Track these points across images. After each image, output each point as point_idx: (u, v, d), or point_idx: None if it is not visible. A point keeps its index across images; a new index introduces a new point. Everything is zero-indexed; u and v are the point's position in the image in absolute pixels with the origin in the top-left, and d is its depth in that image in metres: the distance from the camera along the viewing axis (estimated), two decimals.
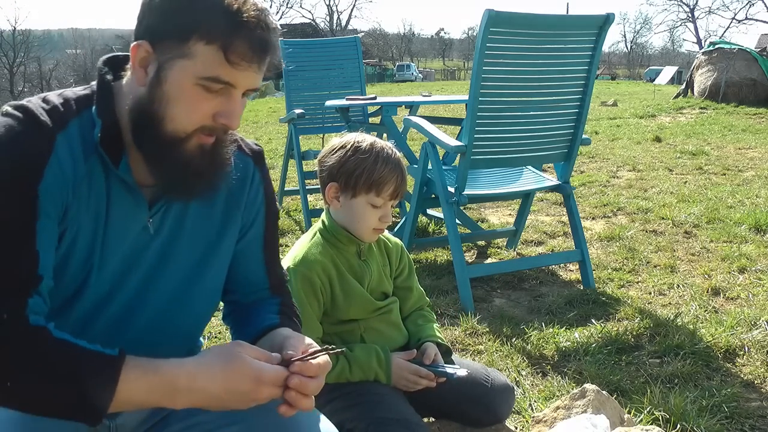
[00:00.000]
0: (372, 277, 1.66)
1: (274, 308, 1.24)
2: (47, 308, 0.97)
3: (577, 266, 3.21)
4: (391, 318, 1.70)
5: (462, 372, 1.58)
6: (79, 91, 1.05)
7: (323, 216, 1.68)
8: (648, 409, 1.91)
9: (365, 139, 1.62)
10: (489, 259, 3.61)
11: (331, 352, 1.08)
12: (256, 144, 1.25)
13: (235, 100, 1.01)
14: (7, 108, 0.98)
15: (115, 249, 1.06)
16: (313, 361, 1.01)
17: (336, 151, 1.61)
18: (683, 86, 14.57)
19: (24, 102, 0.99)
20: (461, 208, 3.49)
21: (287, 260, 1.62)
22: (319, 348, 1.06)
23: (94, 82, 1.07)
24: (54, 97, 1.02)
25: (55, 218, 0.97)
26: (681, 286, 3.08)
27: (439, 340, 1.71)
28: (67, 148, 0.98)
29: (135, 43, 1.00)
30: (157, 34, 0.98)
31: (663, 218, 4.33)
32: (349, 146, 1.60)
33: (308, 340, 1.09)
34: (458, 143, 2.88)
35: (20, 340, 0.89)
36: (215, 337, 2.45)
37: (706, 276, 3.20)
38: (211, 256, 1.17)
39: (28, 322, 0.91)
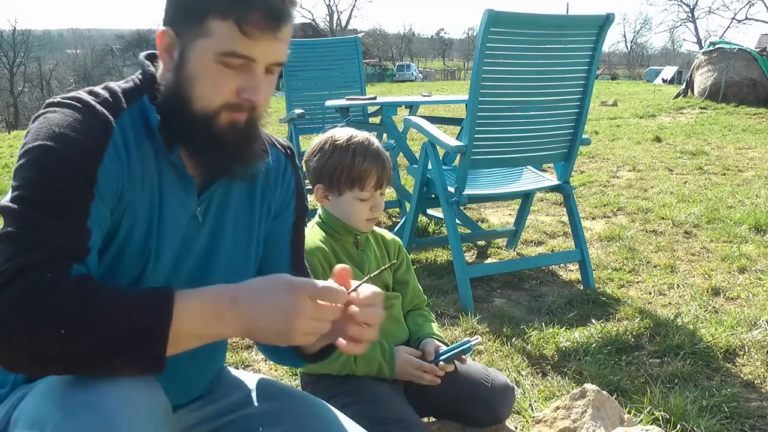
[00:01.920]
0: (371, 266, 1.69)
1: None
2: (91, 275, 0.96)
3: (577, 266, 3.21)
4: (392, 313, 1.72)
5: (475, 339, 1.62)
6: (123, 84, 1.08)
7: (319, 211, 1.72)
8: (648, 409, 1.91)
9: (342, 134, 1.65)
10: (489, 259, 3.61)
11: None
12: (285, 141, 1.30)
13: (257, 74, 1.02)
14: (58, 99, 1.02)
15: (169, 238, 1.08)
16: (365, 290, 1.01)
17: (316, 153, 1.66)
18: (683, 86, 14.57)
19: (74, 94, 1.03)
20: (461, 208, 3.49)
21: None
22: (361, 280, 1.04)
23: (133, 76, 1.10)
24: (100, 90, 1.05)
25: (109, 201, 0.99)
26: (681, 286, 3.08)
27: (438, 339, 1.71)
28: (122, 137, 1.01)
29: (160, 30, 1.04)
30: (178, 18, 1.02)
31: (663, 218, 4.33)
32: (327, 145, 1.65)
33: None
34: (458, 143, 2.88)
35: (66, 289, 0.87)
36: None
37: (706, 276, 3.20)
38: (253, 244, 1.21)
39: (69, 273, 0.90)
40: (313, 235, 1.67)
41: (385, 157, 1.65)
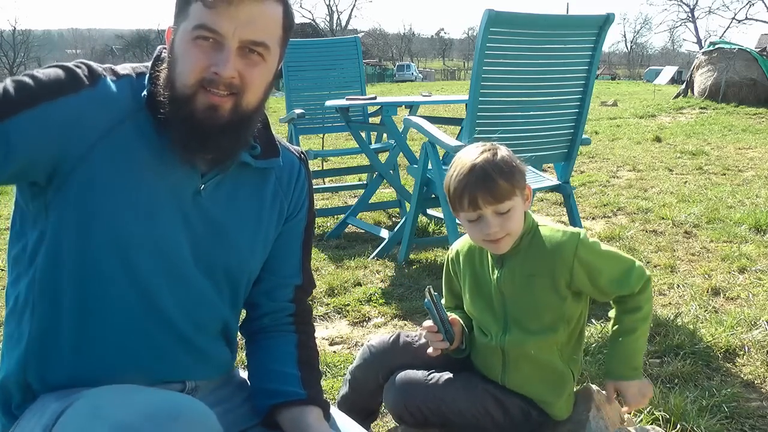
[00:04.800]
0: (503, 286, 1.53)
1: (291, 355, 1.28)
2: None
3: None
4: (532, 355, 1.53)
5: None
6: (138, 65, 1.15)
7: None
8: (648, 409, 1.91)
9: (465, 153, 1.48)
10: None
11: None
12: (300, 149, 1.33)
13: (227, 50, 1.03)
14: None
15: (164, 204, 1.10)
16: None
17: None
18: (683, 86, 14.57)
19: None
20: None
21: None
22: None
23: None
24: (112, 65, 1.13)
25: (48, 140, 1.01)
26: (681, 286, 3.07)
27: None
28: (108, 94, 1.07)
29: (167, 28, 1.11)
30: (175, 13, 1.08)
31: (663, 218, 4.33)
32: (451, 164, 1.51)
33: None
34: (458, 143, 2.88)
35: None
36: None
37: (706, 276, 3.20)
38: (260, 237, 1.23)
39: None
40: (466, 241, 1.62)
41: (483, 173, 1.41)
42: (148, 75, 1.11)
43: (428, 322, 1.54)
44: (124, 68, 1.13)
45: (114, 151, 1.05)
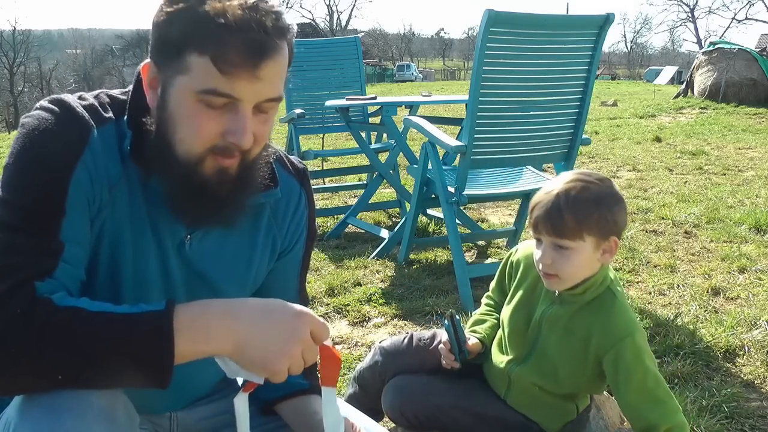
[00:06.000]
0: (542, 321, 1.48)
1: None
2: (74, 292, 0.92)
3: None
4: (518, 373, 1.52)
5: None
6: (116, 94, 1.02)
7: None
8: None
9: (560, 175, 1.43)
10: (489, 259, 3.61)
11: None
12: (299, 161, 1.21)
13: (243, 115, 0.91)
14: (42, 102, 0.96)
15: (155, 264, 1.03)
16: None
17: None
18: (683, 86, 14.57)
19: (58, 97, 0.97)
20: (461, 208, 3.49)
21: None
22: None
23: (130, 87, 1.02)
24: (90, 96, 1.00)
25: (86, 212, 0.94)
26: (681, 286, 3.07)
27: None
28: (103, 145, 0.95)
29: (144, 62, 0.97)
30: (158, 52, 0.94)
31: (663, 218, 4.33)
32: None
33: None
34: (458, 143, 2.88)
35: (52, 327, 0.85)
36: None
37: (706, 276, 3.20)
38: (250, 280, 1.16)
39: (52, 304, 0.86)
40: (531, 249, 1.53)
41: (555, 203, 1.35)
42: (126, 116, 0.99)
43: (446, 337, 1.54)
44: (104, 106, 0.99)
45: (115, 213, 0.99)
